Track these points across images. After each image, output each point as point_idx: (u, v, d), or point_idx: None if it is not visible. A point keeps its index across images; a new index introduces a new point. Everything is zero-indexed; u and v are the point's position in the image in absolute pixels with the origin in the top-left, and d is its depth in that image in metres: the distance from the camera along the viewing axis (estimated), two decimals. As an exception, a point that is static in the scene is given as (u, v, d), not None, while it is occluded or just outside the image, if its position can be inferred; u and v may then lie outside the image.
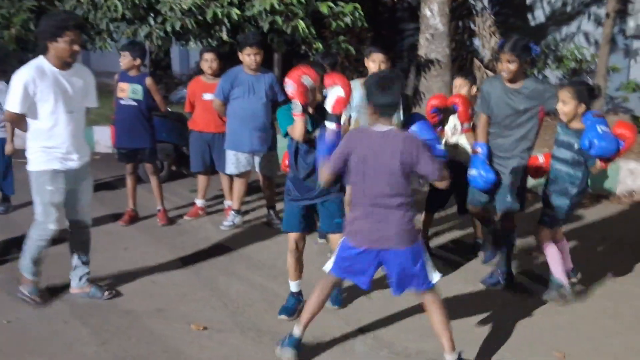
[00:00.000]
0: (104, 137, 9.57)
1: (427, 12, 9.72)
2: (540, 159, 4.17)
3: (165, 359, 3.33)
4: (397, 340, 3.54)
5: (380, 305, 3.98)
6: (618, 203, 6.58)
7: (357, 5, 7.44)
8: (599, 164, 3.79)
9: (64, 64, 3.74)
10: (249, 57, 5.24)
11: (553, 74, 10.64)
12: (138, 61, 5.57)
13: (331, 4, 7.22)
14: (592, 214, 6.15)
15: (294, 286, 3.87)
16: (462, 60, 11.22)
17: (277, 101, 5.43)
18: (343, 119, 4.84)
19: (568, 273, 4.13)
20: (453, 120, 4.75)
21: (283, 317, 3.79)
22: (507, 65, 3.99)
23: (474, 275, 4.50)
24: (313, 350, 3.40)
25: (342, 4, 7.44)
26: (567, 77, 10.68)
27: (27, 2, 7.80)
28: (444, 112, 4.64)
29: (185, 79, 12.77)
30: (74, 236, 4.09)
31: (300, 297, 3.88)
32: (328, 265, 3.19)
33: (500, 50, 4.04)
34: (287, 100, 5.54)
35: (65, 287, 4.13)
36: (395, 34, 12.82)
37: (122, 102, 5.58)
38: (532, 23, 11.65)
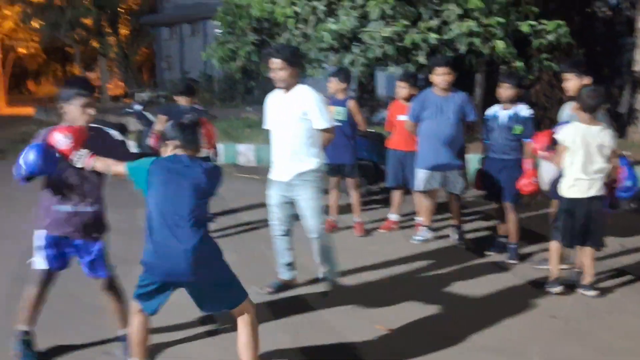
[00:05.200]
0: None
1: (644, 25, 9.03)
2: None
3: (338, 349, 3.68)
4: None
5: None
6: None
7: (561, 22, 7.24)
8: None
9: None
10: (439, 77, 5.48)
11: None
12: (344, 85, 6.13)
13: (533, 23, 7.14)
14: None
15: None
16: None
17: (467, 120, 5.60)
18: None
19: None
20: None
21: None
22: None
23: None
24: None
25: (545, 21, 7.30)
26: None
27: (250, 37, 8.92)
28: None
29: (388, 101, 13.34)
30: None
31: None
32: None
33: None
34: (477, 122, 5.71)
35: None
36: (612, 50, 11.98)
37: (328, 122, 6.17)
38: None
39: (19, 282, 3.81)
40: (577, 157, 4.30)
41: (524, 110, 5.18)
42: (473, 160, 6.41)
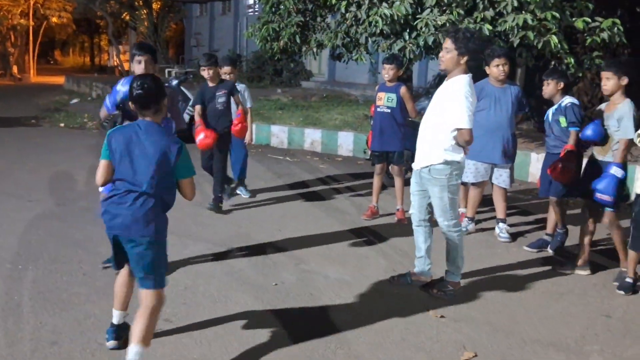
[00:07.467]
0: (346, 142, 10.45)
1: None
2: None
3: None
4: None
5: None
6: None
7: (617, 20, 7.12)
8: None
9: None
10: (497, 68, 5.42)
11: None
12: (398, 72, 6.04)
13: (587, 19, 7.03)
14: None
15: None
16: None
17: (523, 112, 5.55)
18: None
19: None
20: None
21: None
22: None
23: None
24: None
25: (599, 19, 7.19)
26: None
27: (294, 18, 8.83)
28: None
29: (423, 91, 13.24)
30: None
31: None
32: None
33: None
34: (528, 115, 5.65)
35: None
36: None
37: (378, 109, 6.13)
38: None
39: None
40: None
41: (565, 100, 5.11)
42: (520, 155, 6.38)
